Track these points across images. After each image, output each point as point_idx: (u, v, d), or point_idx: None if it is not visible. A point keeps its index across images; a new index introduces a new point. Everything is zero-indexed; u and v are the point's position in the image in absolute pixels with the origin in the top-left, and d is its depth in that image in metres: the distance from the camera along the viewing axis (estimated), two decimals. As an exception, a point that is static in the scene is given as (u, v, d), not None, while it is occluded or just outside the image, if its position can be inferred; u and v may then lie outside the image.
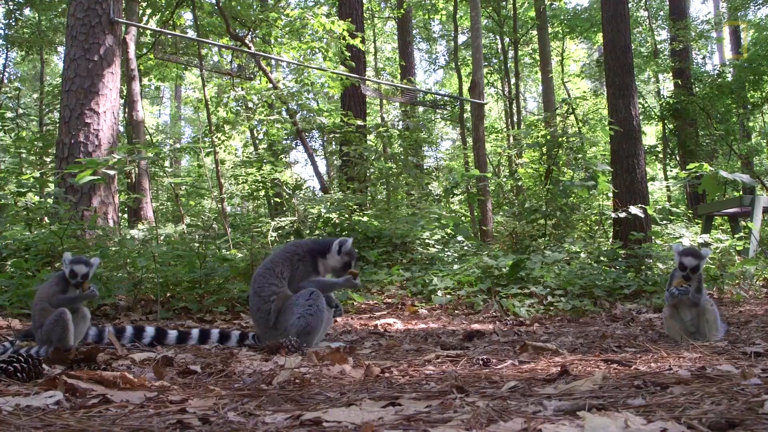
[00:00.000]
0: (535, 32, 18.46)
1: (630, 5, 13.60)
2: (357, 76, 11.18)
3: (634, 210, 7.45)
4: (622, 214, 7.57)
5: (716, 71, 16.53)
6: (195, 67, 13.91)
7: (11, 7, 14.43)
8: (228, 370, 2.58)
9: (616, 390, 1.92)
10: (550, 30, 18.02)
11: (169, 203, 16.75)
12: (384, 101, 19.00)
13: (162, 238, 8.97)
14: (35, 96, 19.79)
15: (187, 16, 15.27)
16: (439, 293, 5.87)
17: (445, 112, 17.98)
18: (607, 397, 1.79)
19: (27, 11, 15.65)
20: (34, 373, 2.30)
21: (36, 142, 11.32)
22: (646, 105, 16.66)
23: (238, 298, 5.51)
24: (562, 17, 18.31)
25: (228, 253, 6.85)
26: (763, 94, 15.32)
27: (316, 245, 3.65)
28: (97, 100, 7.06)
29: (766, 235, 9.58)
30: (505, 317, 5.06)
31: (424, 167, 15.70)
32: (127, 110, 12.11)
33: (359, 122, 10.93)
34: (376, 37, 22.29)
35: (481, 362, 2.67)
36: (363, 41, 11.96)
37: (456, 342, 3.66)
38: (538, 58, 18.51)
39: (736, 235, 8.32)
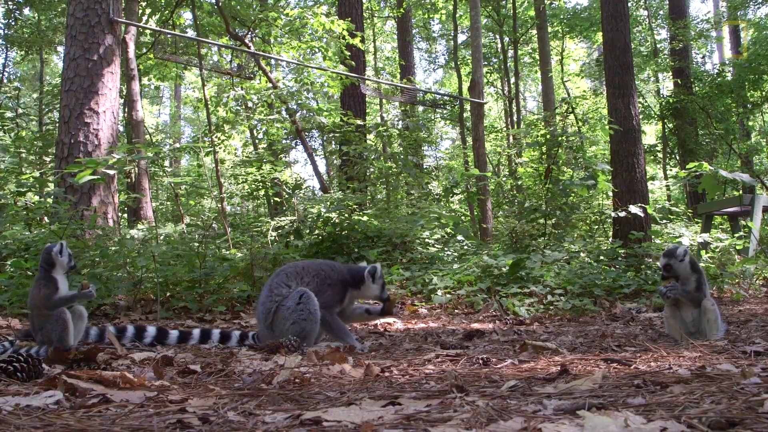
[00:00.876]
0: (534, 31, 18.45)
1: (629, 4, 13.60)
2: (356, 75, 11.18)
3: (633, 209, 7.45)
4: (622, 214, 7.57)
5: (716, 70, 16.55)
6: (195, 67, 13.90)
7: (11, 6, 14.43)
8: (228, 369, 2.58)
9: (616, 389, 1.92)
10: (549, 29, 18.02)
11: (168, 203, 16.75)
12: (384, 101, 19.00)
13: (162, 237, 8.97)
14: (35, 96, 19.79)
15: (186, 16, 15.28)
16: (439, 292, 5.87)
17: (444, 111, 17.98)
18: (607, 397, 1.79)
19: (26, 11, 15.65)
20: (34, 373, 2.30)
21: (36, 142, 11.33)
22: (645, 104, 16.66)
23: (237, 298, 5.52)
24: (561, 16, 18.30)
25: (228, 252, 6.85)
26: (763, 93, 15.33)
27: (349, 276, 3.62)
28: (96, 99, 7.05)
29: (765, 234, 9.58)
30: (504, 316, 5.06)
31: (424, 167, 15.70)
32: (126, 110, 12.10)
33: (359, 122, 10.93)
34: (375, 37, 22.29)
35: (480, 361, 2.67)
36: (362, 41, 11.96)
37: (456, 341, 3.66)
38: (537, 57, 18.50)
39: (736, 234, 8.33)
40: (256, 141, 14.79)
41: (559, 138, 8.59)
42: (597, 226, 10.12)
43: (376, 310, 3.79)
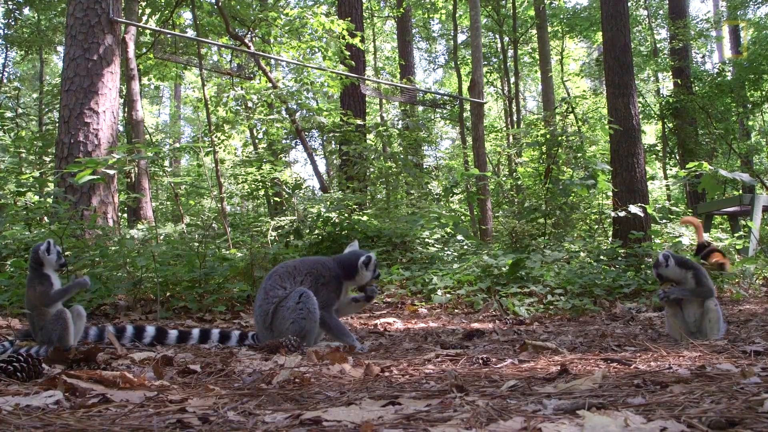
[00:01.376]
0: (534, 31, 18.45)
1: (629, 4, 13.61)
2: (356, 75, 11.18)
3: (633, 209, 7.45)
4: (622, 213, 7.57)
5: (716, 70, 16.54)
6: (194, 67, 13.89)
7: (11, 6, 14.42)
8: (228, 369, 2.58)
9: (616, 389, 1.92)
10: (549, 29, 18.02)
11: (168, 203, 16.75)
12: (383, 100, 19.00)
13: (162, 237, 8.98)
14: (35, 95, 19.77)
15: (186, 16, 15.28)
16: (439, 292, 5.87)
17: (444, 111, 17.98)
18: (606, 396, 1.79)
19: (26, 11, 15.65)
20: (34, 373, 2.30)
21: (35, 142, 11.31)
22: (645, 104, 16.67)
23: (237, 298, 5.52)
24: (561, 16, 18.30)
25: (228, 252, 6.85)
26: (763, 93, 15.33)
27: (341, 269, 3.58)
28: (96, 99, 7.05)
29: (765, 234, 9.59)
30: (504, 316, 5.06)
31: (424, 166, 15.70)
32: (126, 110, 12.10)
33: (359, 121, 10.93)
34: (375, 37, 22.28)
35: (480, 361, 2.67)
36: (362, 40, 11.96)
37: (456, 341, 3.66)
38: (537, 57, 18.50)
39: (736, 234, 8.34)
40: (256, 141, 14.79)
41: (559, 138, 8.59)
42: (597, 226, 10.13)
43: (362, 297, 3.78)
